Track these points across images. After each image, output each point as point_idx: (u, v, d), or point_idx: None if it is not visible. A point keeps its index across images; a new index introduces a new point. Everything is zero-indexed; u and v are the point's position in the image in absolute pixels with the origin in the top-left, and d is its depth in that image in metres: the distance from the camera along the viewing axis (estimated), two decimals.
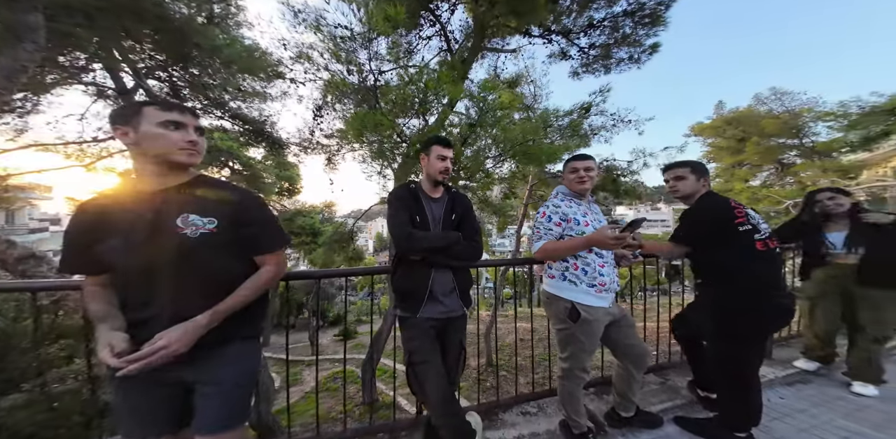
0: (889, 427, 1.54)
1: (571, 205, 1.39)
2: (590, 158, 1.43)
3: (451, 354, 1.30)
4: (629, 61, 5.01)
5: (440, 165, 1.30)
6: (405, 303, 1.25)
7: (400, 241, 1.22)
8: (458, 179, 4.88)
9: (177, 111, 0.84)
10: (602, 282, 1.32)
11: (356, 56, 4.44)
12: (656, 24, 4.42)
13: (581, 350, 1.36)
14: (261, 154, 10.91)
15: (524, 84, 7.48)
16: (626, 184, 7.09)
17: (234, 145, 9.86)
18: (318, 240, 12.53)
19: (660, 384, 1.98)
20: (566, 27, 5.02)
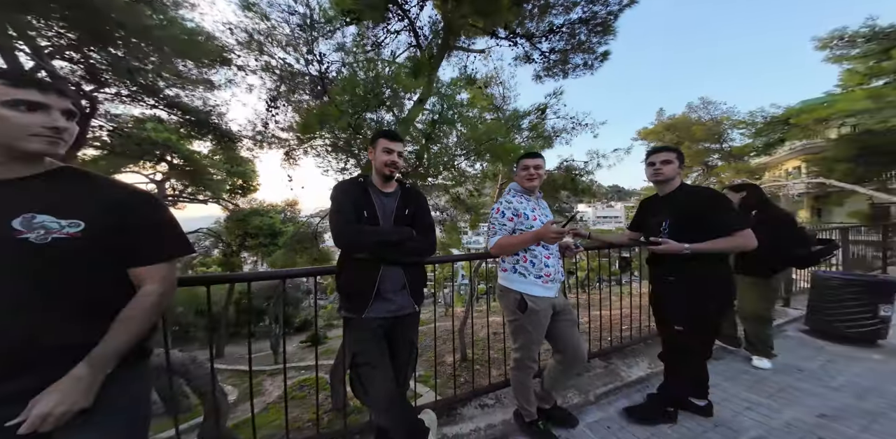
0: (780, 396, 1.82)
1: (522, 201, 1.47)
2: (539, 157, 1.50)
3: (401, 354, 1.25)
4: (584, 67, 5.42)
5: (386, 158, 1.24)
6: (350, 304, 1.19)
7: (343, 237, 1.15)
8: (424, 176, 4.86)
9: (35, 89, 0.66)
10: (547, 272, 1.40)
11: (315, 46, 4.19)
12: (607, 32, 4.83)
13: (530, 340, 1.42)
14: (208, 148, 9.82)
15: (494, 85, 7.68)
16: (583, 183, 7.63)
17: (172, 137, 8.72)
18: (279, 241, 11.66)
19: (604, 368, 2.14)
20: (530, 31, 5.25)
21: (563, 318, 1.47)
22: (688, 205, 1.47)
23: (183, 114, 7.76)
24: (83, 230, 0.68)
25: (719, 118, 15.84)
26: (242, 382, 10.21)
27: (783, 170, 17.21)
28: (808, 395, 1.84)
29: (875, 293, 2.51)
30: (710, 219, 1.41)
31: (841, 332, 2.61)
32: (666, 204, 1.56)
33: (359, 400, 1.19)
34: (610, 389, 1.89)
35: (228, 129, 7.94)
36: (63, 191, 0.70)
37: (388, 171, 1.26)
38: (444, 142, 4.71)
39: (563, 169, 7.74)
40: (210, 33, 5.29)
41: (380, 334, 1.19)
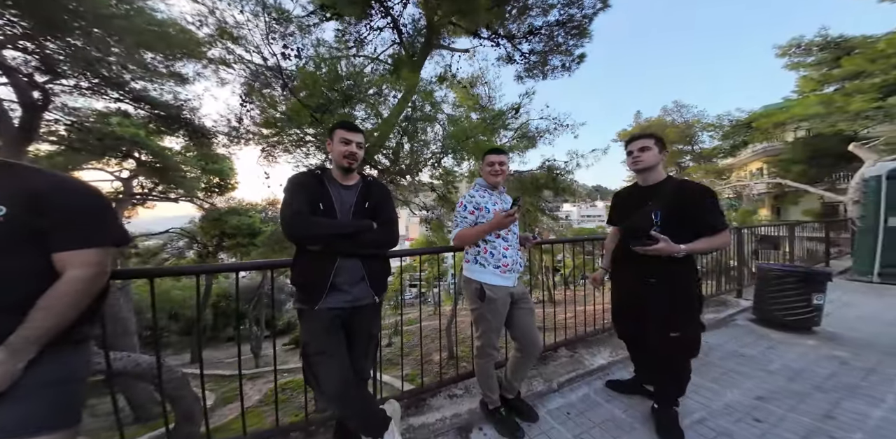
0: (723, 379, 1.94)
1: (484, 195, 1.53)
2: (503, 153, 1.55)
3: (359, 344, 1.24)
4: (562, 69, 5.58)
5: (343, 149, 1.21)
6: (303, 295, 1.17)
7: (292, 228, 1.12)
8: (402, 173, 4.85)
9: None
10: (505, 263, 1.46)
11: (293, 40, 4.09)
12: (582, 35, 5.00)
13: (489, 328, 1.48)
14: (180, 144, 9.33)
15: (479, 85, 7.75)
16: (564, 182, 7.85)
17: (140, 132, 8.23)
18: (257, 240, 11.26)
19: (569, 357, 2.22)
20: (511, 32, 5.35)
21: (521, 307, 1.53)
22: (679, 197, 1.37)
23: (151, 109, 7.34)
24: (4, 214, 0.70)
25: (691, 121, 16.72)
26: (219, 387, 9.82)
27: (748, 171, 18.39)
28: (747, 378, 1.98)
29: (809, 283, 2.70)
30: (700, 215, 1.34)
31: (781, 320, 2.80)
32: (652, 194, 1.44)
33: (312, 389, 1.16)
34: (573, 377, 1.97)
35: (202, 125, 7.59)
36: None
37: (346, 163, 1.23)
38: (424, 138, 4.72)
39: (545, 168, 7.94)
40: (180, 24, 5.04)
41: (336, 324, 1.17)
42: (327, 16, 4.44)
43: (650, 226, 1.38)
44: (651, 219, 1.40)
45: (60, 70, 5.82)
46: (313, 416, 1.56)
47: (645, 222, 1.41)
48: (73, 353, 0.80)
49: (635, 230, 1.45)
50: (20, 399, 0.70)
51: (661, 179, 1.48)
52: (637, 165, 1.48)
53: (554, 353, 2.26)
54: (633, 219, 1.49)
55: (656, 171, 1.48)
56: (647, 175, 1.49)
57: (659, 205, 1.41)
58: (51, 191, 0.76)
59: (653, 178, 1.49)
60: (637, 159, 1.47)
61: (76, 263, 0.76)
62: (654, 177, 1.49)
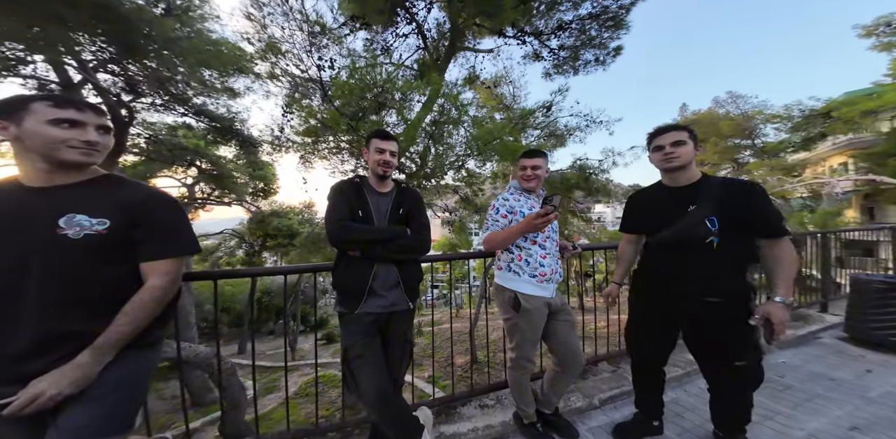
0: (806, 406, 1.70)
1: (520, 199, 1.45)
2: (538, 156, 1.44)
3: (395, 349, 1.27)
4: (595, 63, 5.27)
5: (378, 158, 1.28)
6: (344, 300, 1.23)
7: (333, 233, 1.19)
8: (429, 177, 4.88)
9: (72, 109, 0.77)
10: (542, 272, 1.37)
11: (326, 51, 4.35)
12: (618, 27, 4.68)
13: (524, 339, 1.39)
14: (232, 152, 10.42)
15: (504, 84, 7.63)
16: (598, 181, 7.40)
17: (201, 143, 9.33)
18: (296, 241, 12.11)
19: (611, 372, 2.05)
20: (538, 28, 5.19)
21: (560, 319, 1.43)
22: (733, 198, 1.12)
23: (209, 121, 8.28)
24: (109, 227, 0.78)
25: (750, 112, 14.84)
26: (261, 377, 10.63)
27: (826, 167, 15.84)
28: (838, 406, 1.69)
29: None
30: (762, 218, 1.11)
31: (883, 341, 2.37)
32: (692, 196, 1.19)
33: (351, 394, 1.19)
34: (616, 394, 1.80)
35: (250, 135, 8.39)
36: (97, 194, 0.81)
37: (381, 171, 1.29)
38: (449, 142, 4.72)
39: (576, 168, 7.55)
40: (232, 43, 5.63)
41: (373, 330, 1.21)
42: (357, 26, 4.67)
43: (705, 235, 1.14)
44: (706, 228, 1.14)
45: (140, 89, 6.82)
46: (349, 417, 1.61)
47: (699, 231, 1.15)
48: (141, 358, 0.84)
49: (688, 240, 1.18)
50: (86, 402, 0.74)
51: (697, 179, 1.23)
52: (671, 163, 1.21)
53: (594, 367, 2.10)
54: (681, 228, 1.20)
55: (690, 170, 1.24)
56: (680, 174, 1.24)
57: (709, 209, 1.15)
58: (144, 203, 0.83)
59: (686, 178, 1.24)
60: (670, 156, 1.20)
61: (158, 273, 0.83)
62: (688, 176, 1.24)
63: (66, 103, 0.78)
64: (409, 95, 4.56)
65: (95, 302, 0.78)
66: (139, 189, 0.87)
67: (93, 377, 0.74)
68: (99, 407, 0.75)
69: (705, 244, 1.14)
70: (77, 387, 0.72)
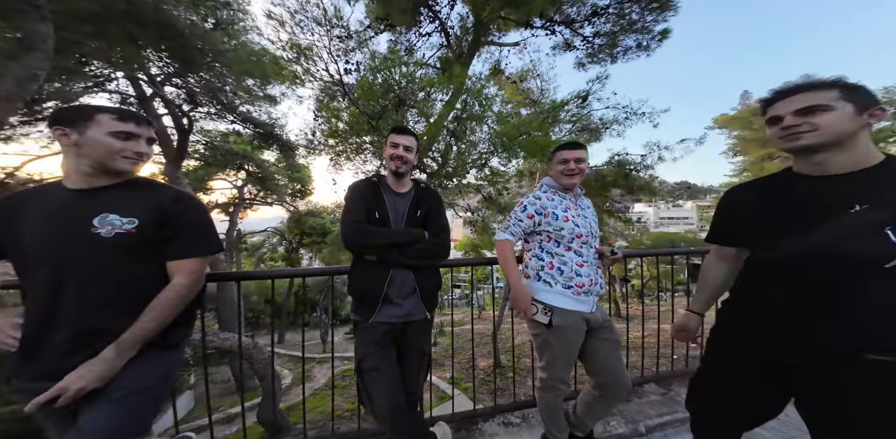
0: None
1: (553, 198, 1.27)
2: (581, 148, 1.27)
3: (411, 361, 1.19)
4: (637, 49, 4.76)
5: (391, 152, 1.21)
6: (359, 307, 1.16)
7: (348, 237, 1.13)
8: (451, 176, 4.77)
9: (133, 122, 0.84)
10: (580, 283, 1.19)
11: (352, 55, 4.45)
12: (665, 9, 4.16)
13: (557, 358, 1.23)
14: (274, 156, 11.31)
15: (531, 78, 7.29)
16: (640, 179, 6.74)
17: (248, 148, 10.23)
18: (328, 239, 12.81)
19: (661, 395, 1.80)
20: (569, 17, 4.83)
21: (602, 337, 1.23)
22: None
23: (254, 128, 9.04)
24: (137, 226, 0.81)
25: None
26: (297, 367, 11.38)
27: None
28: None
29: None
30: None
31: None
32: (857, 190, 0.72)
33: (364, 408, 1.14)
34: (666, 421, 1.57)
35: (288, 139, 9.00)
36: (129, 195, 0.85)
37: (394, 166, 1.22)
38: (472, 139, 4.58)
39: (614, 164, 6.95)
40: (270, 51, 6.04)
41: (387, 340, 1.15)
42: (381, 28, 4.72)
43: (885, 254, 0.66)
44: (887, 241, 0.66)
45: (198, 100, 7.64)
46: (366, 428, 1.58)
47: (870, 246, 0.68)
48: (164, 360, 0.86)
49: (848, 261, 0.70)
50: (105, 403, 0.75)
51: (876, 162, 0.73)
52: (794, 142, 0.75)
53: (640, 388, 1.87)
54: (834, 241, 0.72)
55: (851, 149, 0.73)
56: (829, 156, 0.74)
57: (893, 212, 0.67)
58: (171, 204, 0.87)
59: (845, 161, 0.74)
60: (794, 131, 0.74)
61: (183, 271, 0.86)
62: (849, 158, 0.74)
63: (129, 117, 0.84)
64: (430, 93, 4.51)
65: (126, 299, 0.80)
66: (167, 191, 0.91)
67: (116, 371, 0.76)
68: (117, 408, 0.77)
69: (882, 269, 0.66)
70: (102, 381, 0.74)
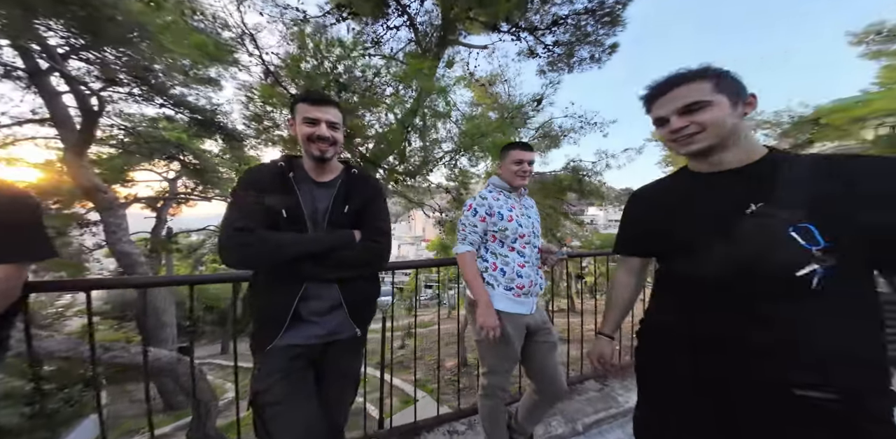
0: None
1: (499, 198, 1.26)
2: (532, 149, 1.29)
3: (333, 389, 0.96)
4: (591, 61, 5.15)
5: (308, 131, 0.89)
6: (258, 329, 0.91)
7: (227, 251, 0.84)
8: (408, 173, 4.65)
9: None
10: (520, 284, 1.18)
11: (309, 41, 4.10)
12: (615, 23, 4.56)
13: (498, 364, 1.22)
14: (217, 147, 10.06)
15: (499, 83, 7.49)
16: (591, 184, 7.32)
17: (183, 136, 8.95)
18: None
19: (598, 390, 1.88)
20: (533, 24, 5.04)
21: (540, 340, 1.24)
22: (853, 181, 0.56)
23: (191, 113, 7.94)
24: None
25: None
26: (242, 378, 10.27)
27: None
28: None
29: None
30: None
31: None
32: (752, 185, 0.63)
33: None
34: (602, 417, 1.64)
35: (234, 128, 8.06)
36: None
37: (315, 150, 0.91)
38: (436, 137, 4.53)
39: (569, 169, 7.44)
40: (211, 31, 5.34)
41: (299, 365, 0.90)
42: (343, 15, 4.44)
43: (796, 263, 0.55)
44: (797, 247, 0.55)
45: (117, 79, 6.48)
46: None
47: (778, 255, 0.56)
48: None
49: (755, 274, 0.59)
50: None
51: (760, 155, 0.65)
52: (688, 146, 0.66)
53: (580, 386, 1.93)
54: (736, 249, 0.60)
55: (741, 141, 0.65)
56: (726, 154, 0.66)
57: (796, 208, 0.57)
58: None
59: (737, 156, 0.66)
60: (683, 134, 0.66)
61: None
62: (741, 153, 0.66)
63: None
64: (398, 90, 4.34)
65: None
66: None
67: None
68: None
69: (797, 282, 0.55)
70: None
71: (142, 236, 11.75)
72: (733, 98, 0.63)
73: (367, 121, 4.43)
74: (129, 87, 6.89)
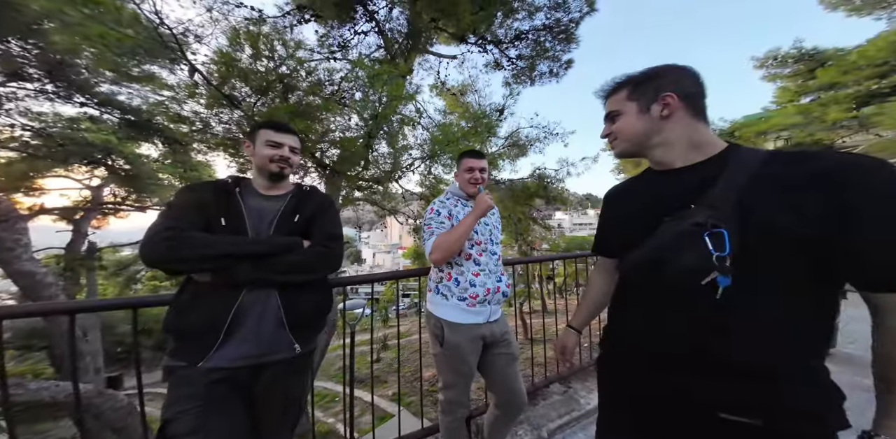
0: None
1: (456, 205, 1.27)
2: (484, 157, 1.31)
3: (267, 416, 0.86)
4: (550, 75, 5.51)
5: (271, 153, 0.93)
6: (181, 348, 0.81)
7: (148, 248, 0.78)
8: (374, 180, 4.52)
9: None
10: (474, 293, 1.14)
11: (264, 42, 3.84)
12: (569, 40, 4.95)
13: (453, 379, 1.17)
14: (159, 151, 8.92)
15: (469, 93, 7.68)
16: (555, 190, 7.76)
17: (111, 138, 7.80)
18: None
19: (562, 393, 1.89)
20: (498, 37, 5.26)
21: (499, 352, 1.21)
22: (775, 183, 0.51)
23: (122, 114, 6.98)
24: None
25: None
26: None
27: None
28: None
29: None
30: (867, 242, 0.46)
31: None
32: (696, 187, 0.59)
33: None
34: (565, 421, 1.65)
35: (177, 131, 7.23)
36: None
37: (275, 168, 0.95)
38: (404, 143, 4.48)
39: (535, 176, 7.82)
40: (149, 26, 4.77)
41: (223, 391, 0.79)
42: (305, 18, 4.24)
43: (700, 269, 0.52)
44: (703, 252, 0.51)
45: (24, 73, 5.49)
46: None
47: (685, 259, 0.54)
48: None
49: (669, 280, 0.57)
50: None
51: (715, 153, 0.62)
52: (614, 148, 0.72)
53: (546, 390, 1.93)
54: (655, 251, 0.60)
55: (670, 142, 0.64)
56: (660, 154, 0.65)
57: (717, 209, 0.54)
58: None
59: (679, 155, 0.64)
60: (610, 139, 0.72)
61: None
62: (679, 152, 0.64)
63: None
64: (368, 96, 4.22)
65: None
66: None
67: None
68: None
69: (702, 291, 0.52)
70: None
71: (54, 253, 9.92)
72: (644, 103, 0.64)
73: (334, 126, 4.24)
74: (38, 82, 5.88)
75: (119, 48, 4.32)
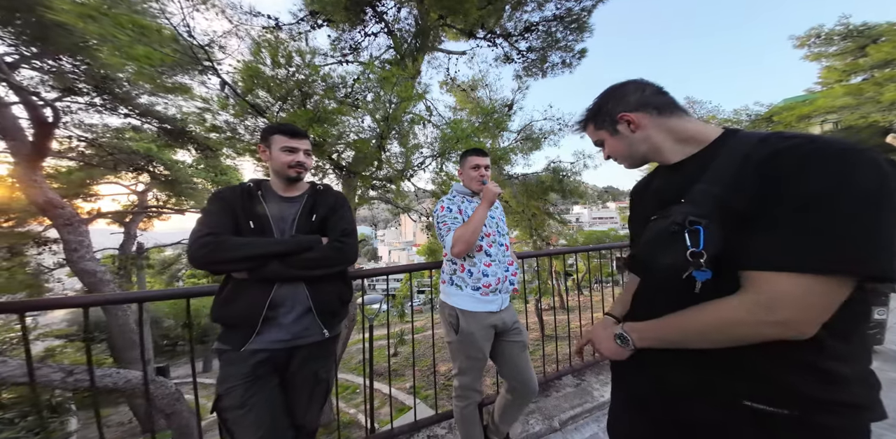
0: None
1: (464, 202, 1.33)
2: (487, 155, 1.36)
3: (301, 392, 0.99)
4: (562, 66, 5.37)
5: (288, 159, 1.02)
6: (227, 334, 0.95)
7: (194, 253, 0.89)
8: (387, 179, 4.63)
9: None
10: (487, 283, 1.22)
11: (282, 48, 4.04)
12: (582, 30, 4.79)
13: (467, 365, 1.23)
14: (191, 157, 9.64)
15: (480, 88, 7.64)
16: (571, 183, 7.56)
17: (152, 146, 8.53)
18: None
19: (575, 386, 1.89)
20: (507, 30, 5.20)
21: (510, 339, 1.26)
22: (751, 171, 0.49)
23: (160, 123, 7.59)
24: None
25: (706, 117, 16.06)
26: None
27: None
28: None
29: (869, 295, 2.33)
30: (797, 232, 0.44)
31: None
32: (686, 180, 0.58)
33: None
34: (577, 412, 1.66)
35: (208, 137, 7.77)
36: None
37: (293, 173, 1.05)
38: (414, 142, 4.56)
39: (550, 170, 7.66)
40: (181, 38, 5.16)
41: (264, 371, 0.94)
42: (318, 23, 4.41)
43: (678, 265, 0.51)
44: (681, 246, 0.51)
45: (75, 88, 6.11)
46: None
47: (667, 254, 0.53)
48: None
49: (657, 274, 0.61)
50: None
51: (709, 142, 0.60)
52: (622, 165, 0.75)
53: (558, 382, 1.95)
54: (644, 246, 0.60)
55: (656, 148, 0.64)
56: (655, 157, 0.67)
57: (698, 202, 0.53)
58: None
59: (674, 154, 0.63)
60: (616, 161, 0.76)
61: None
62: (670, 153, 0.63)
63: None
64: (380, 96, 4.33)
65: None
66: None
67: None
68: None
69: (682, 286, 0.53)
70: None
71: (109, 253, 10.99)
72: (610, 129, 0.67)
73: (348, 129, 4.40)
74: (88, 96, 6.52)
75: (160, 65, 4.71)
